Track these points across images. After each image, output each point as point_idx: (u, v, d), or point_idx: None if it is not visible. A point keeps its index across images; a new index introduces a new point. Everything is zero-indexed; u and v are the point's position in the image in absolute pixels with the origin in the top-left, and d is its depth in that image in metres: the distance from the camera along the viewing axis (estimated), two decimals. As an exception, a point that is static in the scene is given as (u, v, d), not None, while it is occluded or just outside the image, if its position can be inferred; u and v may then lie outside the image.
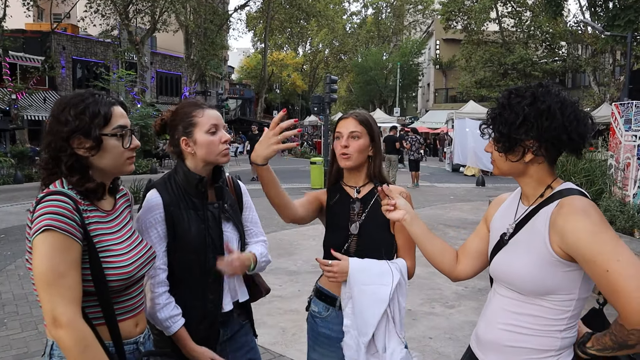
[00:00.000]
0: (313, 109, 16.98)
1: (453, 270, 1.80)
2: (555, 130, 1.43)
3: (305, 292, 5.41)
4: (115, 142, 1.56)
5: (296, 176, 18.21)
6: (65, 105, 1.52)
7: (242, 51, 70.59)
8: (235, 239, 2.03)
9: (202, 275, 1.91)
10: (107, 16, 25.00)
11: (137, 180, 11.87)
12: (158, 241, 1.87)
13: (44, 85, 25.66)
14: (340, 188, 2.17)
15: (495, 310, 1.60)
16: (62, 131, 1.48)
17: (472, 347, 1.72)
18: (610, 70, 23.38)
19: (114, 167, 1.58)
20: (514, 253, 1.53)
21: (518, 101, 1.47)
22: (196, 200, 1.93)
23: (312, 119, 37.10)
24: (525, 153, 1.49)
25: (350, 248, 2.05)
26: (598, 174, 7.39)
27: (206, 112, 1.92)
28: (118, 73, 17.14)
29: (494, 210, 1.76)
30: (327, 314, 2.09)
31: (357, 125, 2.05)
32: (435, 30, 44.06)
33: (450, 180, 18.22)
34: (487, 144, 1.61)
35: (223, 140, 1.92)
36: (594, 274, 1.34)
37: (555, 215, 1.42)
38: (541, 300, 1.46)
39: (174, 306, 1.86)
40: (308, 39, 54.75)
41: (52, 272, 1.35)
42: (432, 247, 1.78)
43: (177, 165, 1.98)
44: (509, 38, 31.62)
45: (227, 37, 40.00)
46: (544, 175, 1.53)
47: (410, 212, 1.76)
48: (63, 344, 1.37)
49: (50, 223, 1.37)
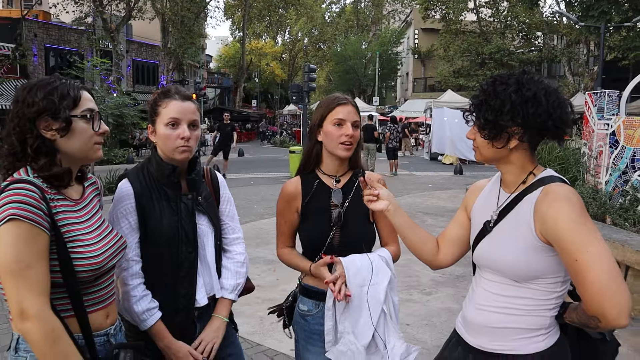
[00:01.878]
0: (292, 98, 16.94)
1: (435, 259, 1.80)
2: (540, 116, 1.45)
3: (283, 281, 5.43)
4: (84, 125, 1.52)
5: (275, 165, 18.16)
6: (31, 88, 1.47)
7: (220, 39, 69.77)
8: (210, 233, 1.97)
9: (174, 268, 1.85)
10: (80, 3, 24.44)
11: (113, 170, 11.71)
12: (130, 232, 1.82)
13: (15, 74, 24.99)
14: (315, 177, 2.05)
15: (483, 295, 1.62)
16: (29, 112, 1.44)
17: (458, 331, 1.73)
18: (585, 61, 23.75)
19: (82, 152, 1.53)
20: (500, 240, 1.55)
21: (503, 88, 1.48)
22: (169, 191, 1.87)
23: (291, 108, 36.91)
24: (509, 140, 1.50)
25: (334, 241, 1.97)
26: (572, 162, 7.52)
27: (170, 104, 1.84)
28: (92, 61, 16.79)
29: (473, 197, 1.77)
30: (318, 310, 2.00)
31: (357, 115, 2.00)
32: (413, 19, 44.13)
33: (428, 169, 18.35)
34: (469, 131, 1.61)
35: (181, 137, 1.82)
36: (565, 261, 1.40)
37: (540, 202, 1.45)
38: (530, 283, 1.50)
39: (151, 299, 1.81)
40: (287, 27, 54.32)
41: (18, 262, 1.31)
42: (415, 236, 1.77)
43: (151, 154, 1.93)
44: (487, 28, 31.83)
45: (204, 25, 39.47)
46: (526, 161, 1.55)
47: (393, 203, 1.74)
48: (30, 337, 1.33)
49: (15, 212, 1.32)
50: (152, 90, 28.02)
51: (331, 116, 1.98)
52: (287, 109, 40.42)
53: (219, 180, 2.11)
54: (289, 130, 37.97)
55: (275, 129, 41.71)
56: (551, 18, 26.90)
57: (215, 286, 2.00)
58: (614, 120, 6.53)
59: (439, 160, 21.10)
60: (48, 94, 1.45)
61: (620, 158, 6.45)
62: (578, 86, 23.66)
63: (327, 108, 2.00)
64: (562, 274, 1.49)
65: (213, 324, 1.96)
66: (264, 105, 58.79)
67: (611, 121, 6.57)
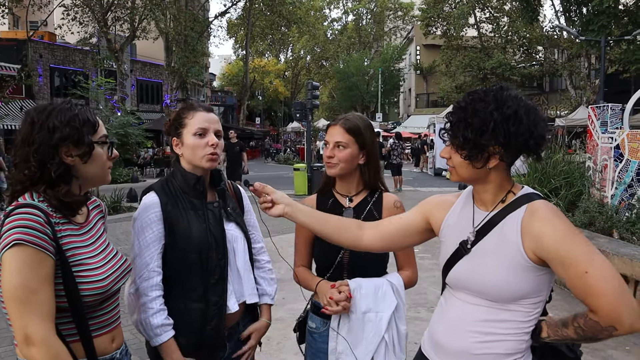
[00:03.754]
0: (295, 115, 16.96)
1: (359, 243, 1.72)
2: (522, 135, 1.39)
3: (290, 300, 5.38)
4: (101, 151, 1.55)
5: (280, 182, 18.15)
6: (50, 112, 1.46)
7: (223, 58, 70.34)
8: (240, 239, 2.00)
9: (204, 275, 1.85)
10: (85, 24, 24.73)
11: (118, 189, 11.73)
12: (153, 242, 1.82)
13: (20, 94, 25.21)
14: (331, 195, 2.12)
15: (458, 318, 1.55)
16: (52, 139, 1.43)
17: (425, 354, 1.66)
18: (586, 74, 23.80)
19: (97, 177, 1.56)
20: (482, 262, 1.48)
21: (483, 106, 1.41)
22: (195, 200, 1.90)
23: (295, 125, 37.14)
24: (489, 159, 1.44)
25: (344, 260, 2.00)
26: (577, 176, 7.49)
27: (197, 114, 1.90)
28: (97, 81, 16.93)
29: (441, 213, 1.66)
30: (325, 329, 2.01)
31: (344, 135, 2.00)
32: (415, 36, 44.47)
33: (433, 184, 18.32)
34: (444, 150, 1.53)
35: (210, 144, 1.87)
36: (570, 275, 1.34)
37: (528, 220, 1.41)
38: (513, 305, 1.45)
39: (167, 315, 1.79)
40: (289, 45, 54.79)
41: (23, 288, 1.30)
42: (326, 228, 1.71)
43: (174, 167, 1.97)
44: (488, 43, 32.06)
45: (208, 44, 39.82)
46: (504, 180, 1.50)
47: (289, 204, 1.70)
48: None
49: (20, 237, 1.32)
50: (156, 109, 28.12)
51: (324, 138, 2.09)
52: (291, 127, 40.66)
53: (241, 192, 2.18)
54: (292, 147, 38.10)
55: (279, 146, 41.87)
56: (551, 32, 27.08)
57: (245, 292, 1.99)
58: (617, 134, 6.53)
59: (443, 175, 21.07)
60: (71, 120, 1.46)
61: (625, 171, 6.43)
62: (580, 100, 23.70)
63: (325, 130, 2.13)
64: (544, 293, 1.46)
65: (259, 323, 2.10)
66: (268, 122, 59.09)
67: (615, 134, 6.56)
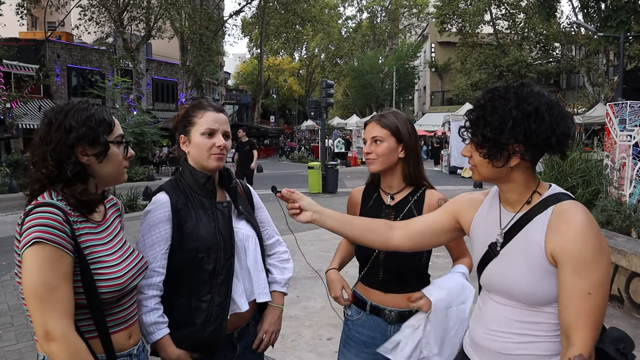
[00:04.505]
0: (310, 113, 16.98)
1: (388, 243, 1.73)
2: (544, 132, 1.35)
3: (304, 298, 5.40)
4: (117, 150, 1.57)
5: (294, 181, 18.20)
6: (67, 112, 1.49)
7: (238, 57, 70.61)
8: (251, 237, 2.00)
9: (211, 275, 1.85)
10: (101, 24, 25.04)
11: (134, 187, 11.85)
12: (158, 242, 1.83)
13: (38, 94, 25.61)
14: (376, 192, 2.17)
15: (494, 319, 1.53)
16: (68, 138, 1.46)
17: (466, 352, 1.65)
18: (604, 71, 23.48)
19: (112, 176, 1.58)
20: (511, 265, 1.46)
21: (502, 103, 1.37)
22: (205, 199, 1.90)
23: (309, 123, 37.09)
24: (510, 158, 1.40)
25: (380, 255, 2.04)
26: (594, 174, 7.39)
27: (207, 114, 1.90)
28: (113, 80, 17.12)
29: (470, 212, 1.65)
30: (358, 317, 2.11)
31: (380, 129, 2.05)
32: (430, 33, 44.21)
33: (448, 183, 18.20)
34: (465, 148, 1.52)
35: (217, 145, 1.88)
36: (570, 289, 1.32)
37: (555, 222, 1.37)
38: (545, 307, 1.42)
39: (161, 314, 1.81)
40: (304, 43, 54.78)
41: (43, 285, 1.33)
42: (353, 231, 1.73)
43: (182, 166, 1.97)
44: (504, 40, 31.72)
45: (222, 43, 40.01)
46: (529, 179, 1.46)
47: (317, 210, 1.73)
48: (55, 359, 1.34)
49: (40, 235, 1.34)
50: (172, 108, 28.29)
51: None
52: (305, 125, 40.63)
53: (250, 189, 2.18)
54: (307, 145, 38.12)
55: (294, 144, 41.93)
56: (569, 29, 26.70)
57: (256, 290, 2.00)
58: (636, 132, 6.43)
59: (458, 174, 20.94)
60: (87, 120, 1.48)
61: (644, 170, 6.33)
62: (598, 97, 23.38)
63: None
64: None
65: (271, 313, 2.08)
66: (282, 121, 59.18)
67: (634, 132, 6.46)
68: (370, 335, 2.07)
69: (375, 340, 2.05)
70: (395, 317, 2.03)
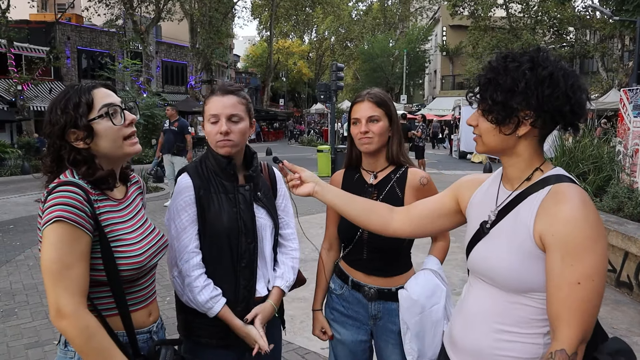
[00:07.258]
0: (319, 96, 16.91)
1: (387, 227, 1.66)
2: (557, 99, 1.25)
3: (313, 280, 5.40)
4: (105, 123, 1.52)
5: (303, 164, 18.00)
6: (52, 106, 1.53)
7: (247, 39, 70.29)
8: (268, 227, 2.01)
9: (235, 259, 1.89)
10: (111, 5, 24.97)
11: (144, 169, 11.92)
12: (190, 224, 1.87)
13: (49, 76, 25.70)
14: (357, 172, 2.17)
15: (472, 310, 1.44)
16: (55, 130, 1.50)
17: (446, 349, 1.57)
18: (619, 56, 23.10)
19: (113, 150, 1.55)
20: (495, 244, 1.37)
21: (516, 65, 1.28)
22: (227, 183, 1.92)
23: (319, 106, 36.98)
24: (519, 125, 1.30)
25: (364, 235, 2.05)
26: (606, 161, 7.33)
27: (211, 100, 1.90)
28: (123, 63, 17.11)
29: (469, 192, 1.57)
30: (342, 292, 2.15)
31: (375, 108, 2.03)
32: (441, 16, 43.65)
33: (457, 168, 18.15)
34: (471, 116, 1.42)
35: (219, 132, 1.86)
36: (558, 276, 1.21)
37: (548, 202, 1.27)
38: (524, 297, 1.31)
39: (213, 287, 1.85)
40: (314, 26, 54.36)
41: (59, 263, 1.36)
42: (354, 210, 1.66)
43: (207, 149, 2.00)
44: (516, 24, 31.24)
45: (232, 25, 39.81)
46: (533, 154, 1.35)
47: (319, 183, 1.69)
48: (67, 335, 1.38)
49: (60, 214, 1.37)
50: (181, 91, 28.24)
51: (352, 117, 2.09)
52: (315, 108, 40.50)
53: (276, 175, 2.16)
54: (316, 129, 38.04)
55: (303, 127, 41.85)
56: (584, 13, 26.25)
57: (271, 280, 2.04)
58: (650, 118, 6.36)
59: (467, 158, 20.86)
60: (64, 107, 1.50)
61: (657, 156, 6.28)
62: (612, 82, 23.06)
63: (350, 109, 2.15)
64: None
65: (264, 305, 1.98)
66: (292, 104, 59.03)
67: (648, 118, 6.39)
68: (354, 309, 2.11)
69: (358, 315, 2.10)
70: (374, 295, 2.06)
